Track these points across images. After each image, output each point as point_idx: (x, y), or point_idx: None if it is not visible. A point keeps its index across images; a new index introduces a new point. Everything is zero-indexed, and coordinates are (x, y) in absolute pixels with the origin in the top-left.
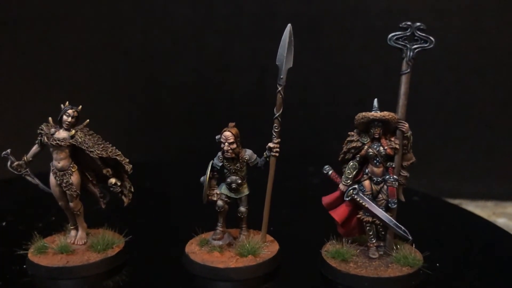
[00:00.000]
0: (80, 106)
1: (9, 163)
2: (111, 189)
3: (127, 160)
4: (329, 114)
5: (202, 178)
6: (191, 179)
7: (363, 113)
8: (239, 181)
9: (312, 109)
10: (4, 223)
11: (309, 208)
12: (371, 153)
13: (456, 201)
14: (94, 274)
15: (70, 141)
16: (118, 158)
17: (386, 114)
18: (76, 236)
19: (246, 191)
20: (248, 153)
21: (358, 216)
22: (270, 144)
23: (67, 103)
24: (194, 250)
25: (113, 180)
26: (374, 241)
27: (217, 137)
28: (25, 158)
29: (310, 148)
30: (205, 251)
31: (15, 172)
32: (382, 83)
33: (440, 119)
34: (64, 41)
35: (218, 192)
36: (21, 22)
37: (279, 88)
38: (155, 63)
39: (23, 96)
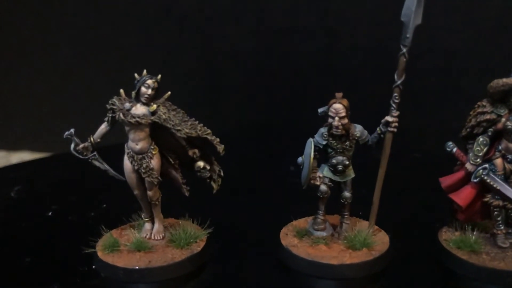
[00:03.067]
0: (160, 76)
1: (72, 145)
2: (198, 174)
3: (218, 139)
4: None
5: (300, 159)
6: (258, 156)
7: (504, 80)
8: (346, 162)
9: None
10: (50, 213)
11: (387, 187)
12: (509, 126)
13: None
14: (180, 275)
15: (152, 118)
16: (208, 137)
17: None
18: (151, 229)
19: (352, 174)
20: (358, 129)
21: (485, 199)
22: (388, 118)
23: (144, 71)
24: (294, 242)
25: (201, 164)
26: (502, 227)
27: (320, 110)
28: (91, 139)
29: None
30: (308, 244)
31: (80, 157)
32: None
33: None
34: (115, 6)
35: (320, 175)
36: None
37: (404, 50)
38: (211, 27)
39: (69, 62)
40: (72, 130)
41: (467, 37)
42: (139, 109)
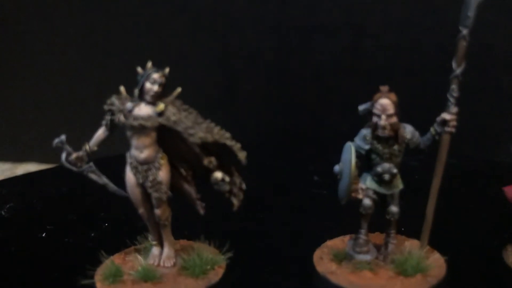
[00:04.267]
0: (168, 69)
1: (64, 155)
2: (215, 187)
3: (239, 145)
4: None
5: (337, 168)
6: (279, 165)
7: None
8: (394, 171)
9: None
10: (44, 234)
11: (422, 197)
12: None
13: None
14: None
15: (159, 120)
16: (227, 142)
17: None
18: (160, 254)
19: (400, 185)
20: (408, 130)
21: None
22: (445, 116)
23: (149, 64)
24: (332, 268)
25: (219, 175)
26: None
27: (361, 107)
28: (87, 147)
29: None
30: (348, 269)
31: (73, 169)
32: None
33: None
34: (127, 3)
35: (363, 187)
36: None
37: (464, 32)
38: (227, 26)
39: (78, 67)
40: (63, 137)
41: (507, 30)
42: (143, 110)
